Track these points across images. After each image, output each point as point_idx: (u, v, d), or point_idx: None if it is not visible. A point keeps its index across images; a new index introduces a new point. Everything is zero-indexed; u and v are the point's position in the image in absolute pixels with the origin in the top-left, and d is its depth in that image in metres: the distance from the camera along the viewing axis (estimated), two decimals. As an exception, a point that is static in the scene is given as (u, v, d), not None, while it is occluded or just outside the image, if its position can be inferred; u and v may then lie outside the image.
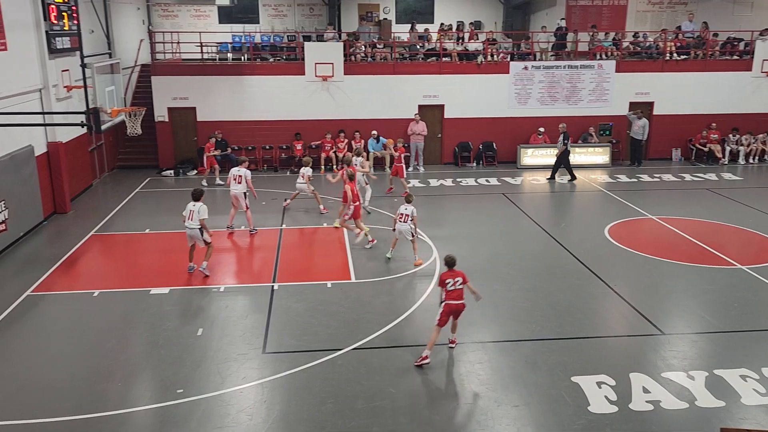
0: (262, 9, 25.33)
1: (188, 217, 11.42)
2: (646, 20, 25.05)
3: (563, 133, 18.89)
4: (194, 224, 11.37)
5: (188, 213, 11.44)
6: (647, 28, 24.34)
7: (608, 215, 15.43)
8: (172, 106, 19.90)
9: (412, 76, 20.43)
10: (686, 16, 24.18)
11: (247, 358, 8.74)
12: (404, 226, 11.96)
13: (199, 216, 11.32)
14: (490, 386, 8.12)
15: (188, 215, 11.43)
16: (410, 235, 11.96)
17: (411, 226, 11.92)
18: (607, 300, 10.81)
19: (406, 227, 11.95)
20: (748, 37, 22.10)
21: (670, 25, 23.87)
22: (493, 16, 26.22)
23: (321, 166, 19.98)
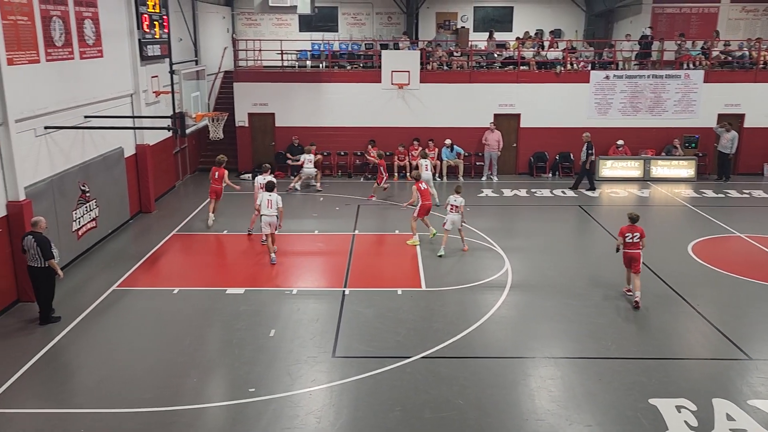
0: (341, 17, 25.79)
1: (267, 206, 12.56)
2: (739, 28, 23.85)
3: (587, 143, 18.46)
4: (272, 212, 12.54)
5: (266, 202, 12.59)
6: (740, 36, 23.16)
7: (692, 232, 14.75)
8: (252, 112, 20.51)
9: (488, 85, 20.24)
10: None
11: (317, 361, 8.86)
12: (455, 216, 13.07)
13: (277, 204, 12.56)
14: (561, 403, 7.90)
15: (266, 204, 12.57)
16: (459, 224, 13.18)
17: (459, 216, 13.12)
18: (689, 320, 10.31)
19: (457, 217, 13.08)
20: None
21: (765, 34, 22.62)
22: (573, 24, 25.65)
23: (394, 173, 20.08)
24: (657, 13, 23.68)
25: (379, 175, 17.30)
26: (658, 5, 23.69)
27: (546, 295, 11.23)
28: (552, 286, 11.62)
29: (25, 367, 8.68)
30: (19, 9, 10.64)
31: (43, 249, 9.70)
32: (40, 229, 9.85)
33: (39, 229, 9.84)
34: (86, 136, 13.14)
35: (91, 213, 13.19)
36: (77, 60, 12.70)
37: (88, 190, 13.00)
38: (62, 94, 12.13)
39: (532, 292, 11.35)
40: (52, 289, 10.02)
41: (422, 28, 25.53)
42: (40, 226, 9.88)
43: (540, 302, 10.92)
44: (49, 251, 9.75)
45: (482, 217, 15.80)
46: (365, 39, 24.93)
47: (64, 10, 12.18)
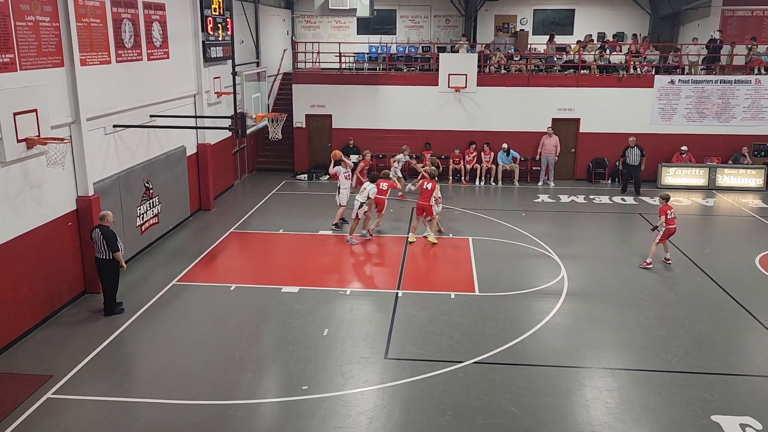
0: (399, 20, 25.86)
1: (360, 192, 14.08)
2: (816, 32, 22.72)
3: (637, 146, 18.36)
4: (362, 198, 13.82)
5: (362, 189, 14.11)
6: (816, 40, 22.08)
7: (760, 243, 14.13)
8: (310, 113, 20.78)
9: (547, 89, 19.93)
10: None
11: (369, 362, 8.90)
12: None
13: (368, 193, 13.81)
14: (618, 416, 7.69)
15: (361, 189, 14.14)
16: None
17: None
18: (755, 335, 9.88)
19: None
20: None
21: None
22: (638, 27, 24.96)
23: (449, 176, 20.01)
24: (726, 16, 22.80)
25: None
26: (727, 8, 22.80)
27: (603, 304, 10.96)
28: (610, 295, 11.34)
29: (90, 356, 9.03)
30: (92, 12, 11.10)
31: (109, 242, 10.08)
32: (107, 222, 10.23)
33: (106, 223, 10.22)
34: (151, 135, 13.59)
35: (154, 209, 13.62)
36: (145, 61, 13.16)
37: (151, 187, 13.44)
38: (130, 93, 12.58)
39: (588, 300, 11.10)
40: (116, 281, 10.39)
41: (480, 30, 25.34)
42: (107, 220, 10.26)
43: (597, 311, 10.67)
44: (114, 244, 10.12)
45: (538, 223, 15.56)
46: (422, 42, 24.94)
47: (134, 13, 12.63)
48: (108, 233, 10.13)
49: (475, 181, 19.94)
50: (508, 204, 17.89)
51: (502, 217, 15.93)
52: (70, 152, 10.54)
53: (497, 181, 19.85)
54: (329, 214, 16.42)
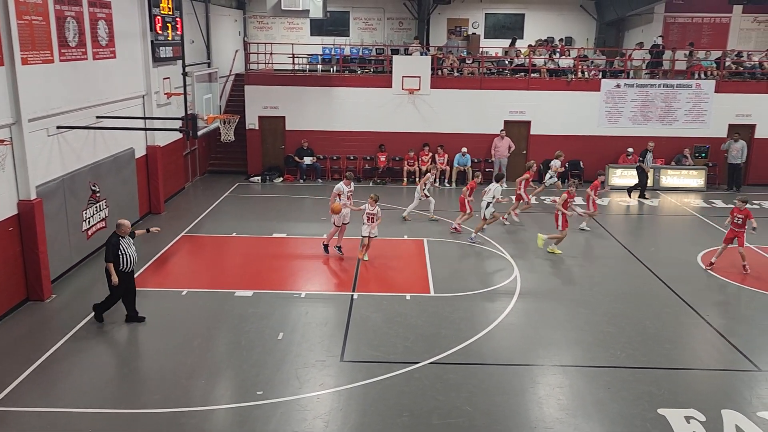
0: (352, 22, 25.85)
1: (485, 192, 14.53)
2: (750, 39, 23.77)
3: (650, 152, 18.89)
4: (488, 198, 14.37)
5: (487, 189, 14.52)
6: (751, 47, 23.10)
7: (701, 242, 14.67)
8: (263, 115, 20.57)
9: (499, 92, 20.25)
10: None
11: (325, 365, 8.86)
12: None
13: (493, 194, 14.33)
14: (570, 412, 7.86)
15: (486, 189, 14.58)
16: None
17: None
18: (698, 330, 10.25)
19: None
20: None
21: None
22: (585, 32, 25.60)
23: (403, 178, 20.11)
24: (668, 23, 23.64)
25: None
26: (669, 14, 23.65)
27: (555, 302, 11.19)
28: (561, 293, 11.59)
29: (34, 366, 8.71)
30: (34, 9, 10.72)
31: (107, 250, 9.68)
32: (120, 231, 9.77)
33: (120, 232, 9.77)
34: (98, 137, 13.21)
35: (101, 213, 13.24)
36: (90, 60, 12.79)
37: (98, 190, 13.06)
38: (75, 94, 12.20)
39: (541, 299, 11.31)
40: (120, 291, 9.82)
41: (433, 33, 25.54)
42: (121, 229, 9.77)
43: (549, 310, 10.89)
44: (110, 254, 9.62)
45: (493, 224, 15.76)
46: (376, 44, 24.99)
47: (78, 10, 12.26)
48: (108, 242, 9.74)
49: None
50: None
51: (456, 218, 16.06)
52: (10, 154, 10.18)
53: (451, 182, 20.05)
54: (284, 216, 16.34)
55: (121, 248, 9.69)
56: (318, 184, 19.99)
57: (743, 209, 12.61)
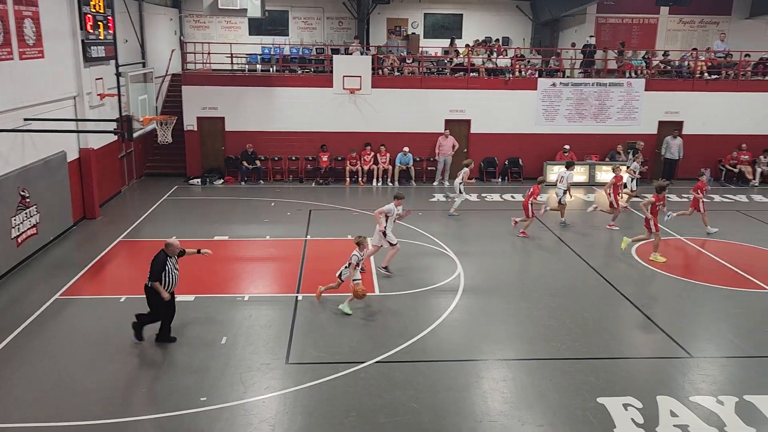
0: (292, 22, 25.65)
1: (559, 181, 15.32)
2: (677, 39, 24.85)
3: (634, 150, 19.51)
4: (563, 186, 15.33)
5: (559, 177, 15.33)
6: (677, 47, 24.14)
7: (636, 235, 15.20)
8: (202, 116, 20.17)
9: (439, 91, 20.48)
10: (718, 35, 23.94)
11: (270, 368, 8.76)
12: None
13: (566, 180, 15.34)
14: (514, 405, 8.02)
15: (559, 179, 15.33)
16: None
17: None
18: (634, 321, 10.64)
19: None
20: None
21: (701, 45, 23.64)
22: (521, 32, 26.21)
23: (346, 178, 20.09)
24: (600, 23, 24.46)
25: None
26: (601, 15, 24.47)
27: (498, 298, 11.40)
28: (503, 289, 11.81)
29: (-39, 381, 8.29)
30: (-46, 6, 10.19)
31: (152, 268, 9.17)
32: (169, 251, 9.24)
33: (168, 251, 9.23)
34: (26, 140, 12.66)
35: (31, 219, 12.70)
36: (16, 60, 12.23)
37: (28, 196, 12.52)
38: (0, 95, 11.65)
39: (484, 295, 11.51)
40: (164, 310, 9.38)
41: (373, 33, 25.65)
42: (170, 249, 9.25)
43: (492, 305, 11.09)
44: (156, 273, 9.14)
45: (434, 222, 15.95)
46: (316, 44, 24.87)
47: (2, 8, 11.72)
48: (153, 260, 9.20)
49: (372, 182, 20.15)
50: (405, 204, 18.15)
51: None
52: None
53: (394, 181, 20.16)
54: (225, 219, 16.07)
55: (167, 268, 9.21)
56: (260, 186, 19.75)
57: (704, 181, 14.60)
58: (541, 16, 25.53)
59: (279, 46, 23.98)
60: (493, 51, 22.44)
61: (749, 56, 22.14)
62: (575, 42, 23.24)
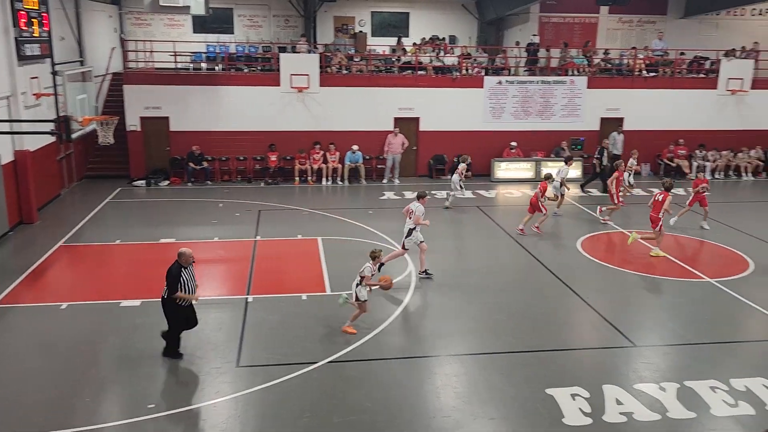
0: (237, 19, 25.24)
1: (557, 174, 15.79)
2: (617, 38, 25.57)
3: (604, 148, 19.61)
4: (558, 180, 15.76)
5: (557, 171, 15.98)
6: (617, 45, 24.84)
7: (580, 229, 15.62)
8: (145, 116, 19.65)
9: (387, 89, 20.52)
10: (656, 34, 24.77)
11: (220, 372, 8.60)
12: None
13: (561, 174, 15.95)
14: (466, 399, 8.11)
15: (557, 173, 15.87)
16: None
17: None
18: (580, 313, 10.91)
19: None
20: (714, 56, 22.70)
21: (640, 44, 24.39)
22: (467, 31, 26.49)
23: (295, 178, 19.92)
24: (543, 22, 24.94)
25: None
26: (544, 15, 24.96)
27: (449, 294, 11.50)
28: (455, 285, 11.92)
29: None
30: None
31: (168, 283, 8.68)
32: (182, 261, 8.74)
33: (182, 261, 8.74)
34: (-43, 142, 12.08)
35: (-36, 225, 12.13)
36: (-56, 59, 11.66)
37: (-40, 201, 11.95)
38: (-73, 95, 11.09)
39: (435, 291, 11.59)
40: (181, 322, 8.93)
41: (320, 31, 25.46)
42: (183, 258, 8.75)
43: (443, 301, 11.18)
44: (173, 287, 8.64)
45: (385, 220, 15.97)
46: (263, 42, 24.55)
47: (-73, 4, 11.13)
48: (169, 272, 8.68)
49: (322, 181, 20.04)
50: (355, 202, 18.20)
51: (350, 216, 16.16)
52: None
53: (344, 180, 20.11)
54: (172, 221, 15.74)
55: (182, 279, 8.73)
56: (207, 187, 19.40)
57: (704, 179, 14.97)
58: (487, 15, 25.87)
59: (224, 44, 23.56)
60: (441, 49, 22.62)
61: (684, 54, 22.99)
62: (519, 41, 23.65)
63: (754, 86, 21.97)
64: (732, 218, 16.43)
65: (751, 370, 8.88)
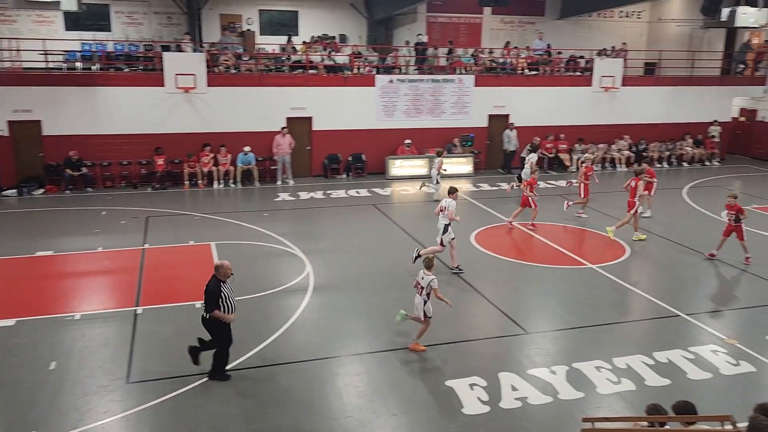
0: (114, 16, 23.87)
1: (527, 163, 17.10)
2: (500, 38, 26.60)
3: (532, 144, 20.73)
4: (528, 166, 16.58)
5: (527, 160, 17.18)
6: (501, 45, 25.83)
7: (473, 222, 16.09)
8: (14, 119, 18.19)
9: (278, 89, 20.20)
10: (536, 35, 26.00)
11: (108, 390, 8.11)
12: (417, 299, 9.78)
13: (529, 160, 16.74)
14: (368, 398, 8.12)
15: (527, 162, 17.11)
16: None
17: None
18: (475, 304, 11.24)
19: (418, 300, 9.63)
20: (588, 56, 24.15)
21: (521, 43, 25.53)
22: (357, 29, 26.59)
23: (185, 182, 19.17)
24: (431, 22, 25.51)
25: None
26: (431, 14, 25.54)
27: (348, 293, 11.48)
28: (353, 284, 11.92)
29: None
30: None
31: (207, 299, 8.07)
32: (220, 274, 8.19)
33: (220, 275, 8.18)
34: None
35: None
36: None
37: None
38: None
39: (334, 292, 11.53)
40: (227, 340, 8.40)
41: (206, 29, 24.61)
42: (220, 271, 8.19)
43: (342, 301, 11.14)
44: (212, 303, 8.05)
45: (280, 222, 15.74)
46: (144, 40, 23.41)
47: None
48: (207, 288, 8.15)
49: (213, 184, 19.42)
50: (249, 205, 17.79)
51: (244, 219, 15.77)
52: None
53: (236, 182, 19.60)
54: (49, 232, 14.69)
55: (223, 294, 8.07)
56: (88, 194, 18.27)
57: (734, 205, 12.91)
58: (376, 14, 26.09)
59: (101, 42, 22.24)
60: (332, 48, 22.56)
61: (561, 53, 24.30)
62: (409, 40, 24.04)
63: (624, 83, 23.59)
64: (608, 207, 17.52)
65: (631, 348, 9.51)
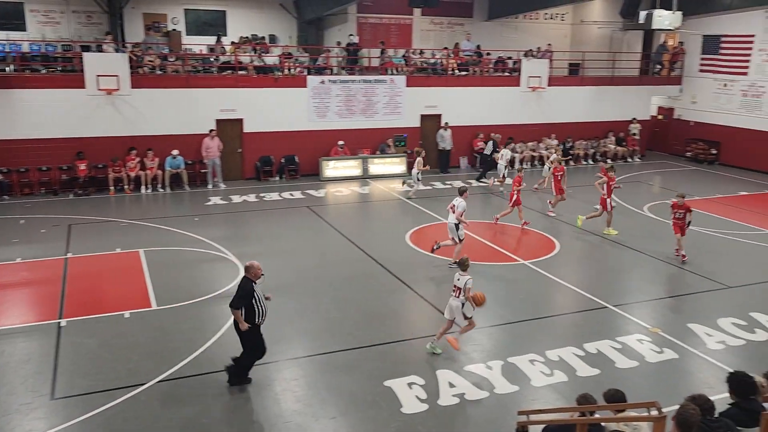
0: (29, 15, 22.67)
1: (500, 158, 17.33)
2: (430, 39, 26.89)
3: (493, 141, 21.31)
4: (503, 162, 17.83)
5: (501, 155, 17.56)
6: (431, 45, 26.12)
7: (408, 222, 16.21)
8: None
9: (207, 90, 19.72)
10: (464, 36, 26.43)
11: (31, 408, 7.70)
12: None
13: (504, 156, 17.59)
14: (306, 402, 8.03)
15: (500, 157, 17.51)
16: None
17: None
18: (412, 303, 11.32)
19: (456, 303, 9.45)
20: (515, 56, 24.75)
21: (450, 44, 25.89)
22: (287, 30, 26.28)
23: (110, 187, 18.46)
24: (361, 23, 25.50)
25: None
26: (361, 15, 25.54)
27: (283, 297, 11.27)
28: (288, 287, 11.76)
29: None
30: None
31: (237, 296, 8.00)
32: (250, 275, 8.10)
33: (250, 275, 8.10)
34: None
35: None
36: None
37: None
38: None
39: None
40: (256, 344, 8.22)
41: (129, 29, 23.74)
42: (251, 272, 8.13)
43: (278, 305, 10.84)
44: (241, 300, 7.94)
45: (213, 226, 15.40)
46: (62, 39, 22.36)
47: None
48: (241, 287, 8.04)
49: (141, 189, 18.78)
50: (179, 210, 17.29)
51: (174, 224, 15.32)
52: None
53: (165, 186, 19.02)
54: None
55: (256, 295, 7.79)
56: (4, 202, 17.32)
57: (683, 204, 13.21)
58: (306, 15, 25.86)
59: (15, 42, 21.12)
60: (261, 49, 22.22)
61: (489, 54, 24.79)
62: (340, 41, 23.97)
63: (550, 83, 24.31)
64: (539, 204, 18.00)
65: (562, 340, 9.79)
